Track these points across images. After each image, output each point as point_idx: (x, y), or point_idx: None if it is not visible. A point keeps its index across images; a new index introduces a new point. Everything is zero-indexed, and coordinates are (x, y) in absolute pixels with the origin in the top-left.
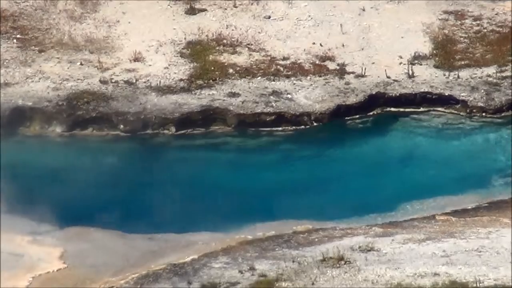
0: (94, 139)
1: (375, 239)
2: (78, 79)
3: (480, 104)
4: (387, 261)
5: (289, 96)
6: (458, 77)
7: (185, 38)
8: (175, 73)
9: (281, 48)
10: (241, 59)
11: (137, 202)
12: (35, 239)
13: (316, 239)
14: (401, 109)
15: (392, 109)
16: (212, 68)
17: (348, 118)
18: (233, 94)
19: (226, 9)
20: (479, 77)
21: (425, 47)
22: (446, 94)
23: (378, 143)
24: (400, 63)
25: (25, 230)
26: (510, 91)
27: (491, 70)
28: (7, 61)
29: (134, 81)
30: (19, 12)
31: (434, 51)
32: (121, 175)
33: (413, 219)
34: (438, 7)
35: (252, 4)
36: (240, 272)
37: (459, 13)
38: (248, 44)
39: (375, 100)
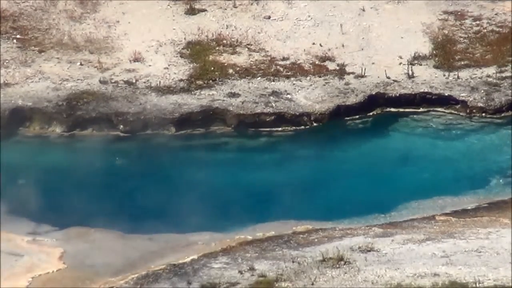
0: (94, 139)
1: (374, 239)
2: (78, 79)
3: (480, 104)
4: (386, 262)
5: (288, 96)
6: (458, 77)
7: (185, 38)
8: (175, 73)
9: (281, 48)
10: (241, 59)
11: (137, 203)
12: (35, 239)
13: (316, 240)
14: (401, 110)
15: (392, 109)
16: (212, 68)
17: (348, 118)
18: (233, 95)
19: (226, 9)
20: (479, 78)
21: (425, 47)
22: (446, 94)
23: (378, 144)
24: (400, 63)
25: (25, 230)
26: (510, 91)
27: (491, 70)
28: (7, 61)
29: (134, 81)
30: (19, 12)
31: (434, 51)
32: (121, 175)
33: (413, 220)
34: (438, 7)
35: (252, 4)
36: (240, 272)
37: (459, 13)
38: (248, 44)
39: (375, 100)
